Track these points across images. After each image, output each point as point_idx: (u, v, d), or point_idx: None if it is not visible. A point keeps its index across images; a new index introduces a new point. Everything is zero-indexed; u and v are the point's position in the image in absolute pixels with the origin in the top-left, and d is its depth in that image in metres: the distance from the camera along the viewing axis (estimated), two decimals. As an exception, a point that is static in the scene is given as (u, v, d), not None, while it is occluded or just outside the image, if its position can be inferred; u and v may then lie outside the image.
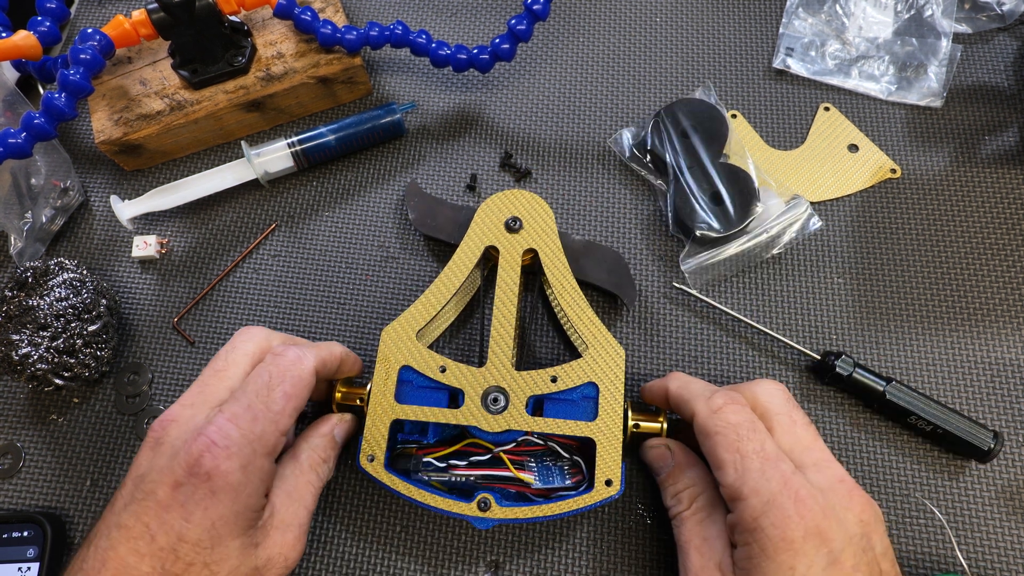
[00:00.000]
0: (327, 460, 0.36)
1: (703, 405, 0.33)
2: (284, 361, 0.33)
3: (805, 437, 0.32)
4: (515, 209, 0.41)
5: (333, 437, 0.37)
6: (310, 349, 0.34)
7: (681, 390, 0.35)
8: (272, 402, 0.31)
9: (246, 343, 0.35)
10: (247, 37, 0.47)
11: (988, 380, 0.42)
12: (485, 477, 0.36)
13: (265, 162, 0.46)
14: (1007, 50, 0.50)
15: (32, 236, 0.46)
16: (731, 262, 0.44)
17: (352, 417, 0.38)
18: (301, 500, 0.34)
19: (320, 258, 0.46)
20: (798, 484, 0.29)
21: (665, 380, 0.37)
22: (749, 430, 0.31)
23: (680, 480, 0.35)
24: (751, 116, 0.49)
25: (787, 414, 0.33)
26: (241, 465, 0.29)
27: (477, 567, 0.38)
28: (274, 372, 0.32)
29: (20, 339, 0.39)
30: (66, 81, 0.41)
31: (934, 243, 0.45)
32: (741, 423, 0.31)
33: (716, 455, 0.31)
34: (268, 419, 0.31)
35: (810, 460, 0.31)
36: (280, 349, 0.34)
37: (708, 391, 0.34)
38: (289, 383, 0.32)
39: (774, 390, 0.34)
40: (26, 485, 0.41)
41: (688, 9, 0.53)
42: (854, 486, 0.30)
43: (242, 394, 0.31)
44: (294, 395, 0.32)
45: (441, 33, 0.53)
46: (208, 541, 0.29)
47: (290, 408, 0.32)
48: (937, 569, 0.38)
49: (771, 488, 0.29)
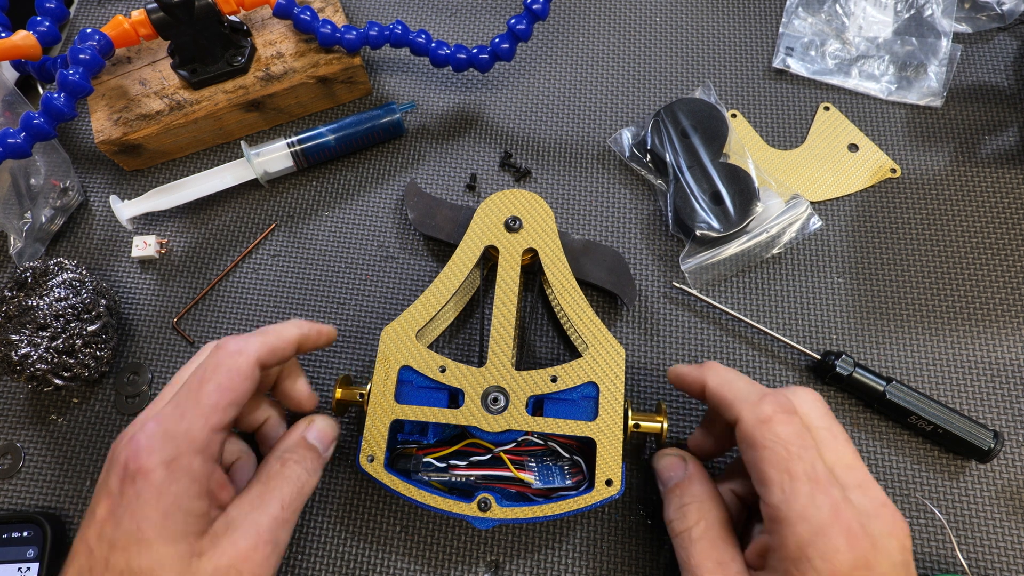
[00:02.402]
0: (300, 463, 0.33)
1: (749, 412, 0.30)
2: (222, 353, 0.31)
3: (847, 455, 0.30)
4: (515, 209, 0.41)
5: (304, 439, 0.34)
6: (255, 337, 0.32)
7: (723, 388, 0.32)
8: (203, 395, 0.29)
9: (198, 357, 0.34)
10: (247, 37, 0.47)
11: (988, 380, 0.42)
12: (485, 477, 0.36)
13: (265, 162, 0.46)
14: (1007, 50, 0.50)
15: (32, 236, 0.45)
16: (731, 262, 0.44)
17: (324, 417, 0.36)
18: (263, 507, 0.30)
19: (320, 258, 0.46)
20: (849, 515, 0.27)
21: (702, 371, 0.34)
22: (800, 447, 0.28)
23: (687, 493, 0.33)
24: (751, 116, 0.49)
25: (828, 428, 0.30)
26: (163, 462, 0.27)
27: (477, 567, 0.38)
28: (208, 365, 0.30)
29: (20, 339, 0.39)
30: (65, 81, 0.41)
31: (934, 243, 0.45)
32: (791, 439, 0.28)
33: (762, 471, 0.28)
34: (196, 414, 0.29)
35: (853, 481, 0.29)
36: (224, 340, 0.32)
37: (755, 394, 0.31)
38: (224, 375, 0.30)
39: (813, 400, 0.31)
40: (26, 485, 0.41)
41: (688, 9, 0.53)
42: (895, 511, 0.29)
43: (175, 391, 0.30)
44: (229, 387, 0.30)
45: (441, 33, 0.53)
46: (135, 546, 0.27)
47: (224, 402, 0.29)
48: (937, 569, 0.38)
49: (821, 517, 0.27)
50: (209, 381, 0.30)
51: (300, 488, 0.32)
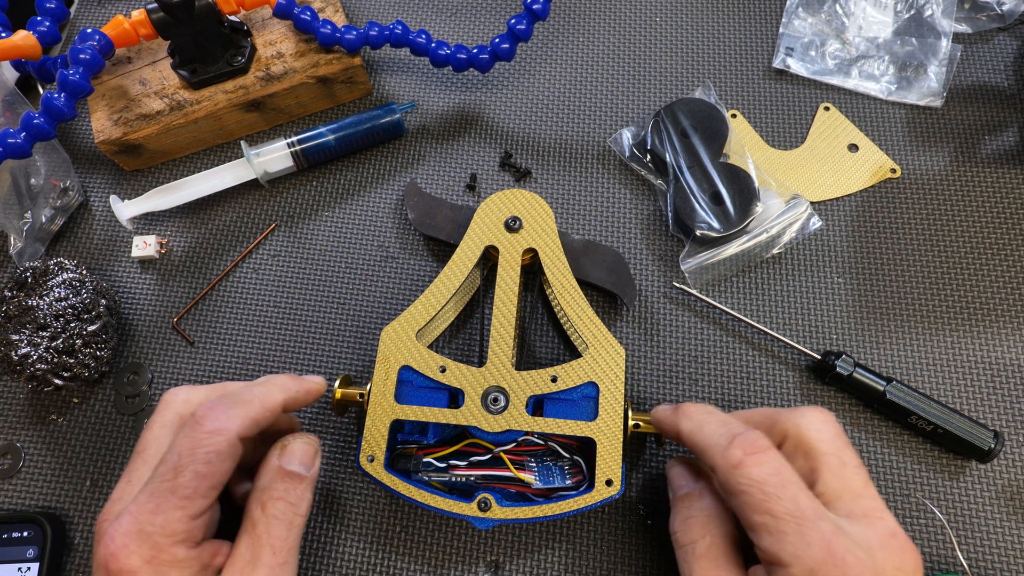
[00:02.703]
0: (283, 498, 0.31)
1: (720, 459, 0.29)
2: (199, 434, 0.29)
3: (856, 482, 0.29)
4: (515, 209, 0.41)
5: (281, 469, 0.32)
6: (237, 409, 0.30)
7: (694, 435, 0.31)
8: (179, 486, 0.28)
9: (163, 413, 0.32)
10: (247, 37, 0.47)
11: (988, 380, 0.42)
12: (485, 477, 0.36)
13: (265, 162, 0.46)
14: (1007, 50, 0.50)
15: (32, 236, 0.45)
16: (731, 262, 0.44)
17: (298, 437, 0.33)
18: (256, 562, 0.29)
19: (320, 258, 0.46)
20: (844, 549, 0.26)
21: (676, 416, 0.33)
22: (777, 485, 0.27)
23: (694, 506, 0.32)
24: (751, 116, 0.49)
25: (836, 454, 0.29)
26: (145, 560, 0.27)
27: (477, 567, 0.38)
28: (184, 449, 0.28)
29: (20, 339, 0.39)
30: (66, 81, 0.41)
31: (934, 243, 0.45)
32: (766, 479, 0.27)
33: (745, 517, 0.28)
34: (173, 506, 0.28)
35: (860, 510, 0.28)
36: (201, 413, 0.29)
37: (724, 437, 0.30)
38: (202, 461, 0.28)
39: (822, 424, 0.30)
40: (26, 485, 0.41)
41: (688, 9, 0.53)
42: (906, 541, 0.28)
43: (151, 479, 0.29)
44: (208, 473, 0.28)
45: (441, 33, 0.53)
46: None
47: (204, 487, 0.28)
48: (937, 569, 0.38)
49: (812, 555, 0.26)
50: (186, 469, 0.28)
51: (289, 523, 0.31)
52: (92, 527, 0.40)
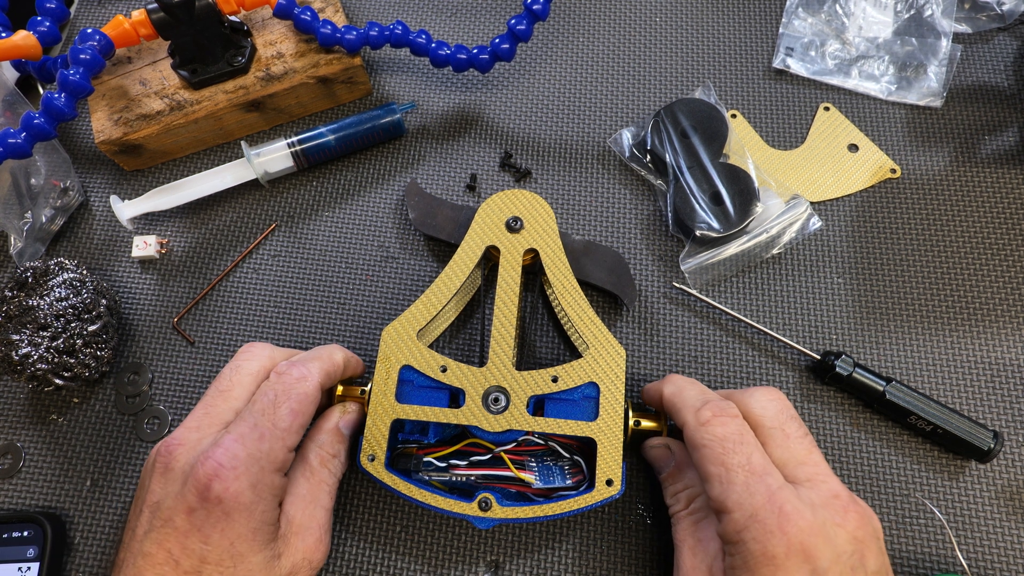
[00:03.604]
0: (337, 455, 0.36)
1: (691, 416, 0.32)
2: (289, 379, 0.33)
3: (798, 451, 0.31)
4: (515, 209, 0.41)
5: (339, 430, 0.37)
6: (314, 363, 0.35)
7: (673, 397, 0.35)
8: (279, 419, 0.32)
9: (250, 361, 0.35)
10: (247, 37, 0.47)
11: (988, 380, 0.42)
12: (486, 477, 0.36)
13: (265, 162, 0.46)
14: (1007, 50, 0.50)
15: (32, 236, 0.45)
16: (731, 262, 0.44)
17: (356, 406, 0.38)
18: (317, 502, 0.34)
19: (320, 258, 0.46)
20: (783, 499, 0.28)
21: (662, 382, 0.37)
22: (736, 443, 0.30)
23: (679, 480, 0.36)
24: (751, 116, 0.49)
25: (779, 427, 0.32)
26: (251, 484, 0.30)
27: (477, 567, 0.38)
28: (279, 390, 0.33)
29: (20, 339, 0.39)
30: (66, 81, 0.41)
31: (934, 243, 0.45)
32: (728, 436, 0.30)
33: (703, 468, 0.31)
34: (275, 436, 0.31)
35: (803, 475, 0.30)
36: (284, 367, 0.34)
37: (699, 400, 0.33)
38: (295, 400, 0.33)
39: (767, 401, 0.33)
40: (26, 485, 0.41)
41: (688, 9, 0.53)
42: (850, 501, 0.30)
43: (248, 414, 0.32)
44: (300, 411, 0.33)
45: (441, 33, 0.53)
46: (230, 560, 0.30)
47: (296, 425, 0.32)
48: (937, 569, 0.38)
49: (754, 502, 0.28)
50: (282, 405, 0.32)
51: (339, 477, 0.36)
52: (93, 526, 0.40)
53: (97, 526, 0.40)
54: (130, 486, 0.41)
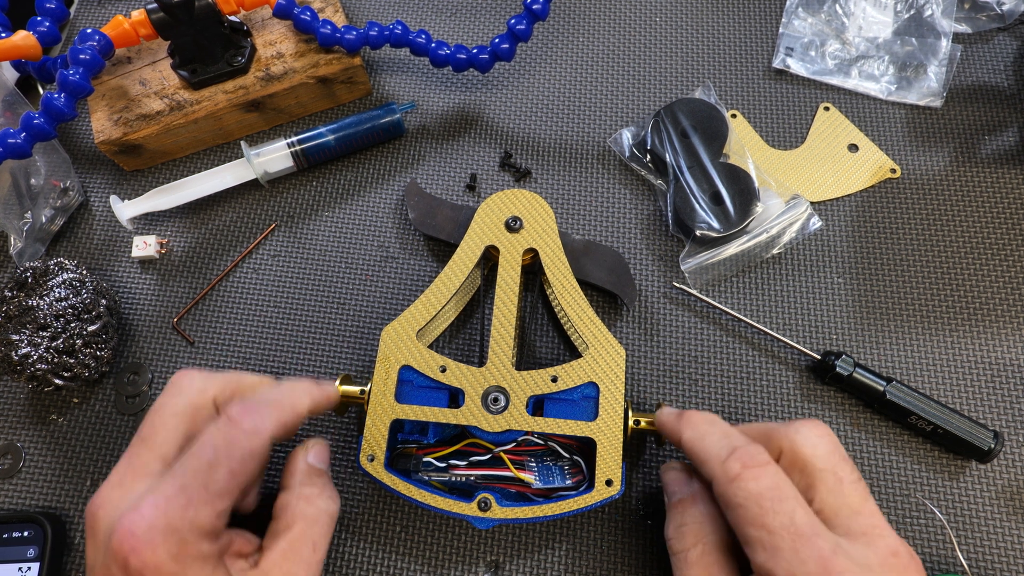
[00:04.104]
0: (322, 493, 0.32)
1: (719, 470, 0.29)
2: (236, 432, 0.28)
3: (853, 498, 0.28)
4: (515, 209, 0.41)
5: (311, 467, 0.33)
6: (271, 413, 0.30)
7: (694, 445, 0.31)
8: (212, 482, 0.27)
9: (175, 398, 0.31)
10: (247, 37, 0.47)
11: (988, 380, 0.42)
12: (485, 477, 0.36)
13: (265, 162, 0.46)
14: (1007, 50, 0.50)
15: (32, 236, 0.46)
16: (731, 262, 0.44)
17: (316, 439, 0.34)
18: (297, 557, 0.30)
19: (320, 258, 0.46)
20: (841, 567, 0.25)
21: (679, 424, 0.33)
22: (775, 499, 0.27)
23: (688, 513, 0.32)
24: (751, 116, 0.49)
25: (832, 470, 0.29)
26: (171, 556, 0.26)
27: (477, 567, 0.38)
28: (220, 446, 0.28)
29: (20, 339, 0.39)
30: (66, 81, 0.41)
31: (934, 243, 0.45)
32: (764, 492, 0.27)
33: (742, 531, 0.27)
34: (204, 501, 0.27)
35: (858, 528, 0.27)
36: (237, 412, 0.29)
37: (724, 448, 0.29)
38: (238, 460, 0.28)
39: (817, 439, 0.29)
40: (26, 485, 0.41)
41: (688, 9, 0.53)
42: (909, 559, 0.27)
43: (179, 471, 0.28)
44: (242, 472, 0.28)
45: (441, 33, 0.53)
46: None
47: (235, 486, 0.28)
48: (937, 569, 0.38)
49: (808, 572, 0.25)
50: (220, 466, 0.28)
51: (331, 518, 0.32)
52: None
53: (97, 526, 0.40)
54: (130, 486, 0.41)
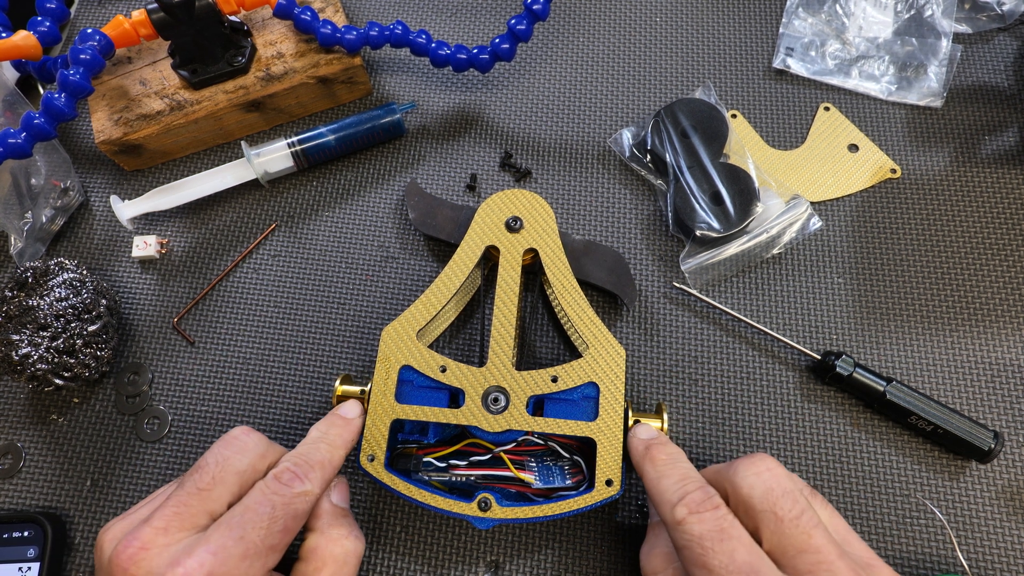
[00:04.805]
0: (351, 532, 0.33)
1: (668, 515, 0.30)
2: (290, 493, 0.30)
3: (797, 537, 0.28)
4: (515, 209, 0.41)
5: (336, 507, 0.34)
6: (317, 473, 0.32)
7: (652, 485, 0.32)
8: (270, 537, 0.28)
9: (239, 456, 0.31)
10: (247, 37, 0.47)
11: (988, 380, 0.42)
12: (485, 477, 0.36)
13: (265, 162, 0.46)
14: (1007, 50, 0.50)
15: (32, 236, 0.46)
16: (731, 262, 0.44)
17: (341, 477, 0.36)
18: None
19: (320, 258, 0.46)
20: None
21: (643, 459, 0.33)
22: (715, 540, 0.28)
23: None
24: (751, 116, 0.49)
25: (770, 510, 0.28)
26: None
27: (477, 567, 0.38)
28: (278, 504, 0.29)
29: (20, 339, 0.39)
30: (66, 81, 0.41)
31: (934, 243, 0.45)
32: (705, 534, 0.28)
33: (689, 572, 0.29)
34: (259, 555, 0.28)
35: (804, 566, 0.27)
36: (287, 476, 0.31)
37: (676, 494, 0.30)
38: (292, 518, 0.30)
39: (755, 478, 0.30)
40: (26, 485, 0.41)
41: (688, 9, 0.53)
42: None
43: (236, 521, 0.28)
44: (293, 530, 0.30)
45: (441, 33, 0.53)
46: None
47: (284, 543, 0.29)
48: (937, 569, 0.38)
49: None
50: (277, 522, 0.29)
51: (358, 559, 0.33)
52: (93, 526, 0.40)
53: (97, 526, 0.40)
54: (130, 486, 0.41)
